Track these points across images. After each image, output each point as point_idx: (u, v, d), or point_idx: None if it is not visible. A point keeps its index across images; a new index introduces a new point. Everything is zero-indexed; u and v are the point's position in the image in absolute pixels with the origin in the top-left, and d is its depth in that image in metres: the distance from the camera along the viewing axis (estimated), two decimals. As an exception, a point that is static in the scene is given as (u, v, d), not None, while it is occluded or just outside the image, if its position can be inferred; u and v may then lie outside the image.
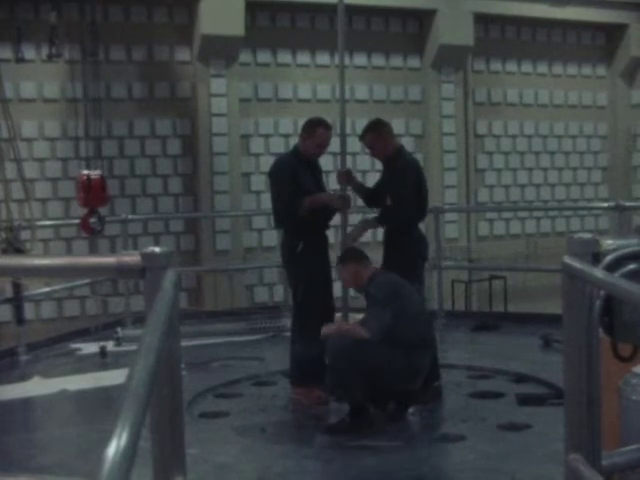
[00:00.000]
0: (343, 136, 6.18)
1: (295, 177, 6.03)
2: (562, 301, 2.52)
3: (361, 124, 11.61)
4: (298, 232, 6.10)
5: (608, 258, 2.51)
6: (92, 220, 8.28)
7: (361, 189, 6.43)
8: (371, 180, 11.32)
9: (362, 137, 6.28)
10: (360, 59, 11.95)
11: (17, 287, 7.86)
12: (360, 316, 9.09)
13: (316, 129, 6.12)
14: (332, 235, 6.56)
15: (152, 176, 10.93)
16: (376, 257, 6.19)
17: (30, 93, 10.29)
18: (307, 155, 6.17)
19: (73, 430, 5.59)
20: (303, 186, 6.03)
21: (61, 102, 10.32)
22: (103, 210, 10.04)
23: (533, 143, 13.14)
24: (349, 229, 6.30)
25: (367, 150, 6.72)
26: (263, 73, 11.47)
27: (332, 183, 6.78)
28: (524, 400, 5.95)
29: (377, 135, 6.17)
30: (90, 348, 8.15)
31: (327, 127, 6.16)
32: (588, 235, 2.54)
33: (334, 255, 6.32)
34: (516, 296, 11.65)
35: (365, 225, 6.46)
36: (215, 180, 11.02)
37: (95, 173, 8.38)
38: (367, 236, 11.36)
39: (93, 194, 8.17)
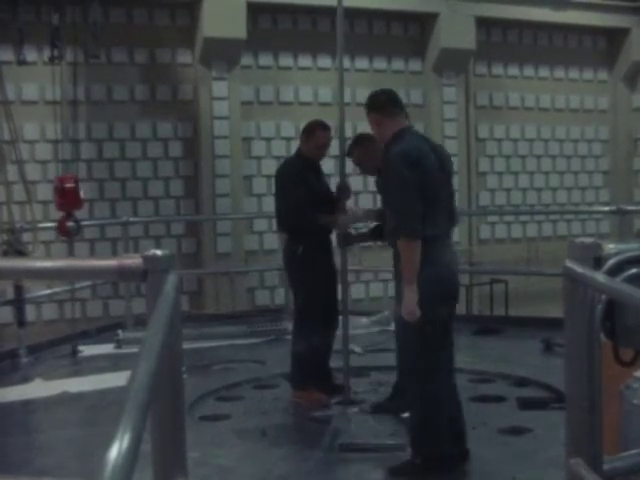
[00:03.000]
0: (342, 140, 6.16)
1: (302, 178, 6.04)
2: (563, 305, 2.52)
3: (362, 128, 11.65)
4: (298, 235, 6.10)
5: (609, 262, 2.51)
6: (69, 224, 8.27)
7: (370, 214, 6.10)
8: (372, 182, 11.35)
9: (349, 154, 5.97)
10: (361, 62, 11.95)
11: (18, 289, 7.87)
12: (364, 319, 9.10)
13: (314, 131, 6.15)
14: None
15: (153, 179, 10.93)
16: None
17: (32, 95, 10.31)
18: (310, 158, 6.19)
19: (74, 432, 5.59)
20: (309, 188, 6.04)
21: (63, 104, 10.32)
22: (104, 212, 10.08)
23: (534, 147, 13.14)
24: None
25: (356, 167, 6.55)
26: (265, 76, 11.47)
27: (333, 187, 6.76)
28: (525, 404, 5.94)
29: (363, 149, 5.85)
30: (91, 350, 8.15)
31: (325, 128, 6.17)
32: (589, 239, 2.54)
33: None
34: (517, 300, 11.64)
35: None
36: (216, 183, 11.02)
37: (69, 177, 8.36)
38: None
39: (67, 198, 8.15)
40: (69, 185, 8.08)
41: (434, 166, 4.52)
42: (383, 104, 4.78)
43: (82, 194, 8.24)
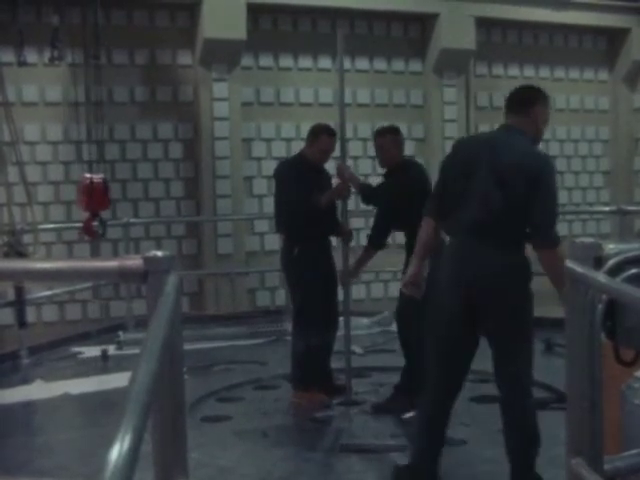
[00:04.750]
0: (343, 140, 6.15)
1: (301, 179, 6.03)
2: (564, 305, 2.52)
3: (363, 128, 11.70)
4: (295, 237, 6.10)
5: (610, 262, 2.51)
6: (94, 224, 8.29)
7: (362, 186, 6.30)
8: (371, 182, 11.35)
9: (376, 137, 6.20)
10: (362, 63, 11.95)
11: (19, 290, 7.87)
12: (365, 320, 9.11)
13: (319, 136, 6.14)
14: (334, 239, 6.56)
15: (154, 180, 10.93)
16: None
17: (32, 97, 10.31)
18: (312, 161, 6.18)
19: (75, 433, 5.59)
20: (308, 188, 6.03)
21: (63, 106, 10.34)
22: (105, 213, 10.07)
23: (535, 147, 13.12)
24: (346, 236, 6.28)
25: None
26: (265, 77, 11.48)
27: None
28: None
29: (383, 140, 6.08)
30: (92, 352, 8.15)
31: (330, 134, 6.15)
32: (590, 239, 2.54)
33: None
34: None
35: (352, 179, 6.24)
36: (217, 184, 11.02)
37: (97, 177, 8.38)
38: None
39: (95, 198, 8.17)
40: (98, 185, 8.08)
41: (452, 164, 4.35)
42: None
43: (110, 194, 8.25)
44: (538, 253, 4.15)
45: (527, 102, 4.36)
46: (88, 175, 8.42)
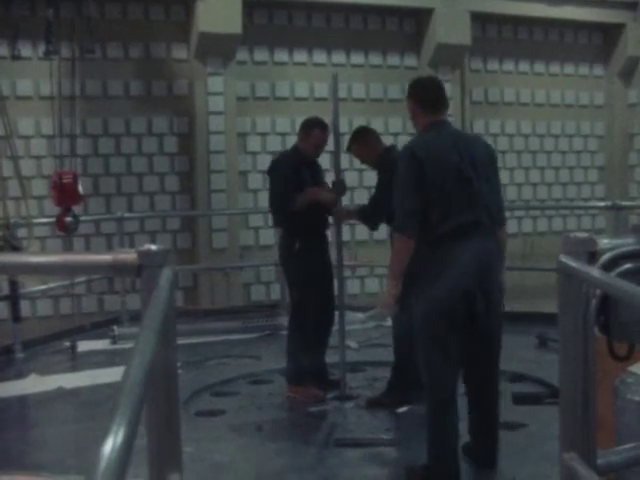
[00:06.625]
0: (337, 136, 6.13)
1: (295, 174, 6.03)
2: (558, 300, 2.52)
3: (358, 123, 11.65)
4: (295, 231, 6.10)
5: (604, 257, 2.52)
6: (68, 219, 8.25)
7: (359, 212, 6.31)
8: (367, 177, 11.36)
9: (349, 149, 6.15)
10: (357, 58, 11.95)
11: (13, 284, 7.86)
12: (359, 315, 9.11)
13: (313, 130, 6.12)
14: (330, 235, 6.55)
15: (149, 174, 10.92)
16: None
17: (27, 90, 10.29)
18: (307, 155, 6.17)
19: (69, 427, 5.59)
20: (303, 184, 6.03)
21: (58, 99, 10.29)
22: (99, 208, 10.06)
23: (530, 142, 13.14)
24: (343, 230, 6.28)
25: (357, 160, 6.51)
26: (260, 71, 11.47)
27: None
28: (520, 399, 5.95)
29: (361, 143, 6.05)
30: (86, 346, 8.15)
31: (324, 128, 6.14)
32: (584, 234, 2.54)
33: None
34: (512, 295, 11.63)
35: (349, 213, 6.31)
36: (212, 178, 11.01)
37: (67, 173, 8.34)
38: (364, 234, 11.40)
39: (66, 194, 8.13)
40: (67, 180, 8.06)
41: (426, 174, 4.15)
42: (418, 94, 4.59)
43: (81, 189, 8.21)
44: (501, 232, 4.48)
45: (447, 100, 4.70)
46: (59, 171, 8.39)
